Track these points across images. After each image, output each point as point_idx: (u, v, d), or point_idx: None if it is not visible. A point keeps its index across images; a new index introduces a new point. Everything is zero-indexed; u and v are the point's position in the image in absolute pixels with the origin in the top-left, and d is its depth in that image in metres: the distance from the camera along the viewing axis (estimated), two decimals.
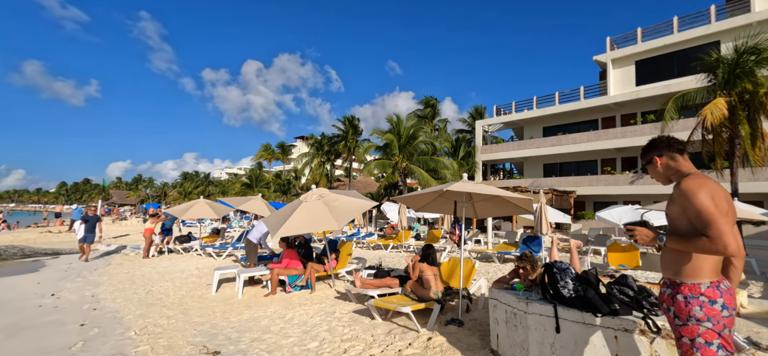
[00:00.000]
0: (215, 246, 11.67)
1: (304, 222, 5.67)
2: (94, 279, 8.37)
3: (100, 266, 10.20)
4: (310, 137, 44.99)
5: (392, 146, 24.15)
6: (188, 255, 11.75)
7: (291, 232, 5.58)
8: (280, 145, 64.74)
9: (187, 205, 11.99)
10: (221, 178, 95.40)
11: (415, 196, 5.41)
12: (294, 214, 5.78)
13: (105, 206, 45.14)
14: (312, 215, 5.78)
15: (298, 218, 5.73)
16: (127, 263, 10.62)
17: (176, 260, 10.85)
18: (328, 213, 5.72)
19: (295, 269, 6.66)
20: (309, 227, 5.62)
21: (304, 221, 5.67)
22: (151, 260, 10.92)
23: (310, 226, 5.62)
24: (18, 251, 12.86)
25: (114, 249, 13.92)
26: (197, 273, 8.68)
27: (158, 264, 10.16)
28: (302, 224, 5.64)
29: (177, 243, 12.42)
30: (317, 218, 5.68)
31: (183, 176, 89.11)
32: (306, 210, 5.88)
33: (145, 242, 11.77)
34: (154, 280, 8.07)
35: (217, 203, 12.44)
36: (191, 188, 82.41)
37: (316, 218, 5.69)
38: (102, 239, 16.30)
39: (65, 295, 6.94)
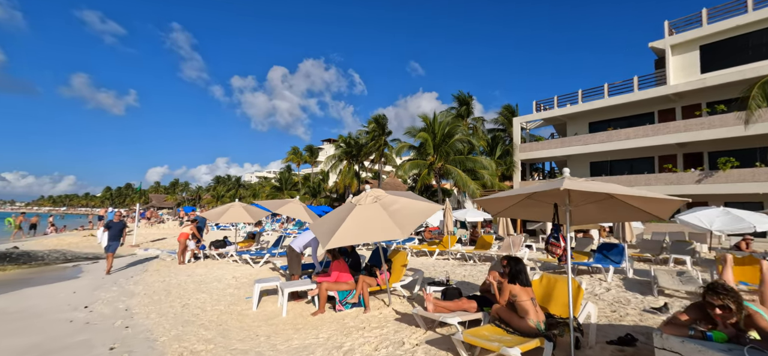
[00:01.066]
0: (251, 252, 11.06)
1: (361, 230, 4.75)
2: (129, 288, 7.89)
3: (137, 273, 9.81)
4: (338, 139, 44.57)
5: (426, 145, 23.03)
6: (223, 262, 11.22)
7: (345, 241, 4.69)
8: (309, 148, 65.08)
9: (223, 208, 11.49)
10: (251, 181, 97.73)
11: (498, 199, 4.35)
12: (347, 220, 4.88)
13: (141, 210, 46.86)
14: (369, 221, 4.85)
15: (352, 226, 4.82)
16: (164, 270, 10.20)
17: (212, 266, 10.32)
18: (387, 219, 4.78)
19: (345, 283, 5.77)
20: (367, 236, 4.70)
21: (361, 228, 4.75)
22: (187, 267, 10.45)
23: (368, 234, 4.70)
24: (60, 256, 12.90)
25: (152, 256, 13.71)
26: (235, 283, 8.01)
27: (194, 272, 9.64)
28: (359, 232, 4.73)
29: (212, 248, 11.96)
30: (376, 224, 4.75)
31: (216, 180, 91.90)
32: (361, 215, 4.96)
33: (179, 246, 11.37)
34: (190, 291, 7.45)
35: (253, 207, 11.87)
36: (223, 191, 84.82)
37: (375, 224, 4.76)
38: (140, 245, 16.38)
39: (98, 308, 6.41)
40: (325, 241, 4.73)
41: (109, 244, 9.69)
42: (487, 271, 8.62)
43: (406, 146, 24.53)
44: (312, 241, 6.61)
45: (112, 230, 9.76)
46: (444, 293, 4.89)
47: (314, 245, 6.58)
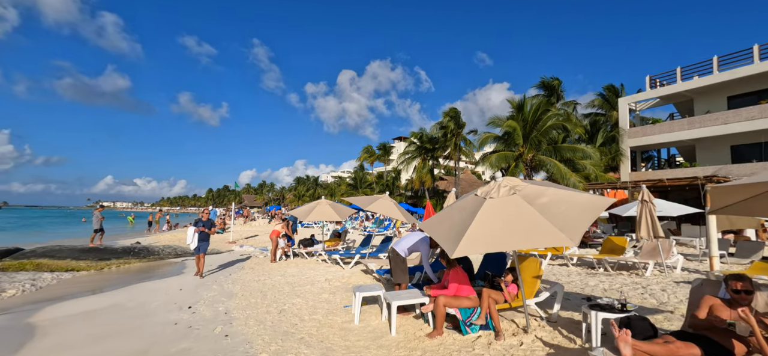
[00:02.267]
0: (339, 252, 10.55)
1: (501, 233, 3.49)
2: (228, 288, 7.78)
3: (235, 271, 9.93)
4: (411, 136, 43.61)
5: (515, 134, 20.64)
6: (313, 261, 10.91)
7: (479, 248, 3.49)
8: (382, 146, 65.48)
9: (310, 206, 11.20)
10: (328, 181, 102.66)
11: (739, 186, 2.72)
12: (477, 219, 3.66)
13: (236, 208, 51.84)
14: (511, 220, 3.57)
15: (486, 227, 3.59)
16: (258, 268, 10.20)
17: (303, 266, 10.02)
18: (539, 218, 3.43)
19: (467, 298, 4.57)
20: (512, 241, 3.42)
21: (500, 230, 3.50)
22: (279, 266, 10.33)
23: (513, 238, 3.42)
24: (171, 251, 14.10)
25: (247, 254, 14.21)
26: (328, 287, 7.39)
27: (286, 271, 9.38)
28: (498, 236, 3.48)
29: (301, 247, 11.80)
30: (522, 225, 3.44)
31: (296, 180, 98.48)
32: (497, 213, 3.70)
33: (272, 244, 11.39)
34: (285, 294, 6.99)
35: (340, 205, 11.39)
36: (303, 191, 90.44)
37: (520, 225, 3.46)
38: (236, 241, 17.49)
39: (200, 310, 6.22)
40: (451, 247, 3.58)
41: (199, 245, 8.98)
42: (629, 286, 6.67)
43: (490, 136, 22.36)
44: (420, 243, 5.56)
45: (202, 231, 9.06)
46: (627, 324, 3.38)
47: (424, 249, 5.51)
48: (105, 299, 7.46)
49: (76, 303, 7.28)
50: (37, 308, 6.94)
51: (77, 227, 34.77)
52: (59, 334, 5.39)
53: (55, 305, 7.20)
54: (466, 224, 3.78)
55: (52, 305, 7.20)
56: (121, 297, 7.53)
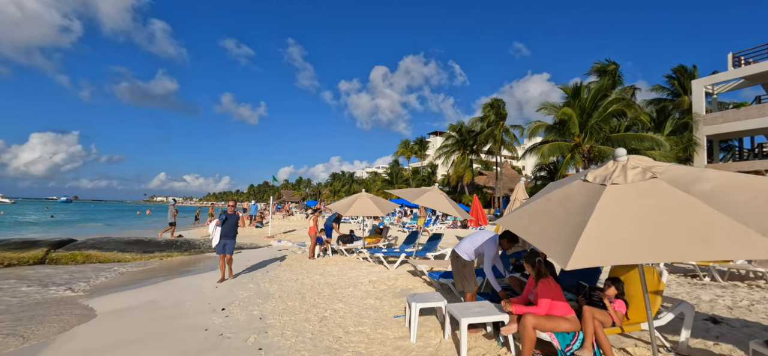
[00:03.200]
0: (381, 250, 9.66)
1: (659, 236, 2.34)
2: (265, 287, 7.14)
3: (272, 267, 9.37)
4: (449, 129, 41.93)
5: (570, 123, 18.64)
6: (352, 259, 10.13)
7: (620, 256, 2.37)
8: (418, 140, 64.14)
9: (349, 200, 10.41)
10: (363, 176, 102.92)
11: None
12: (597, 214, 2.54)
13: (275, 204, 52.95)
14: (664, 215, 2.41)
15: (618, 226, 2.46)
16: (296, 265, 9.59)
17: (342, 264, 9.25)
18: (713, 212, 2.25)
19: (564, 319, 3.44)
20: (681, 249, 2.27)
21: (656, 234, 2.35)
22: (318, 263, 9.64)
23: (681, 245, 2.26)
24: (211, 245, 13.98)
25: (284, 249, 13.78)
26: (373, 291, 6.50)
27: (325, 270, 8.65)
28: (649, 241, 2.33)
29: (340, 243, 11.07)
30: (694, 225, 2.27)
31: (332, 176, 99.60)
32: (632, 206, 2.55)
33: (310, 240, 10.76)
34: (325, 298, 6.20)
35: (381, 199, 10.50)
36: (339, 186, 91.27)
37: (690, 225, 2.29)
38: (274, 236, 17.27)
39: (234, 313, 5.57)
40: (562, 255, 2.47)
41: (223, 243, 7.63)
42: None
43: (541, 126, 20.43)
44: (487, 244, 4.46)
45: (225, 225, 7.66)
46: None
47: (490, 251, 4.41)
48: (141, 295, 7.11)
49: (110, 299, 6.97)
50: (72, 304, 6.69)
51: (132, 221, 37.01)
52: (84, 337, 4.94)
53: (91, 299, 6.94)
54: (578, 221, 2.66)
55: (88, 299, 6.95)
56: (157, 293, 7.14)
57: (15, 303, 6.82)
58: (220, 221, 7.71)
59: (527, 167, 70.29)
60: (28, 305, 6.67)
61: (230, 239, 7.81)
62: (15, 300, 6.98)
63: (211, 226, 7.98)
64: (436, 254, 8.72)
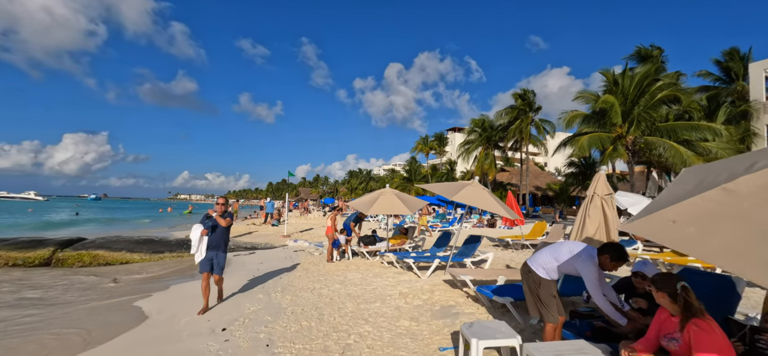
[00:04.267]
0: (410, 253, 8.43)
1: None
2: (276, 299, 6.05)
3: (285, 273, 8.30)
4: (472, 123, 40.15)
5: (611, 112, 16.82)
6: (376, 263, 8.96)
7: None
8: (437, 136, 62.48)
9: (372, 197, 9.24)
10: (380, 174, 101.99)
11: None
12: None
13: (292, 201, 52.57)
14: None
15: None
16: (312, 270, 8.50)
17: (365, 270, 8.09)
18: None
19: None
20: None
21: None
22: (337, 268, 8.53)
23: None
24: None
25: (296, 265, 12.78)
26: (406, 308, 5.29)
27: (346, 277, 7.51)
28: None
29: (361, 245, 9.93)
30: None
31: (349, 174, 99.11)
32: None
33: (328, 242, 9.67)
34: (348, 316, 5.03)
35: (407, 195, 9.28)
36: (356, 184, 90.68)
37: None
38: (290, 235, 16.32)
39: (236, 334, 4.48)
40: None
41: (211, 258, 5.35)
42: None
43: (577, 116, 18.64)
44: (579, 263, 3.13)
45: (215, 234, 5.35)
46: None
47: (590, 272, 3.04)
48: (131, 309, 6.14)
49: (94, 318, 6.04)
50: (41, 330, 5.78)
51: (152, 218, 37.22)
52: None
53: (71, 322, 6.03)
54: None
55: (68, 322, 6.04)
56: (151, 305, 6.17)
57: None
58: (206, 230, 5.27)
59: (551, 163, 67.49)
60: None
61: (221, 253, 5.43)
62: None
63: (194, 234, 5.22)
64: (476, 260, 7.44)
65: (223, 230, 5.50)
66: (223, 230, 5.50)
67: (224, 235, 5.55)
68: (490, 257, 7.20)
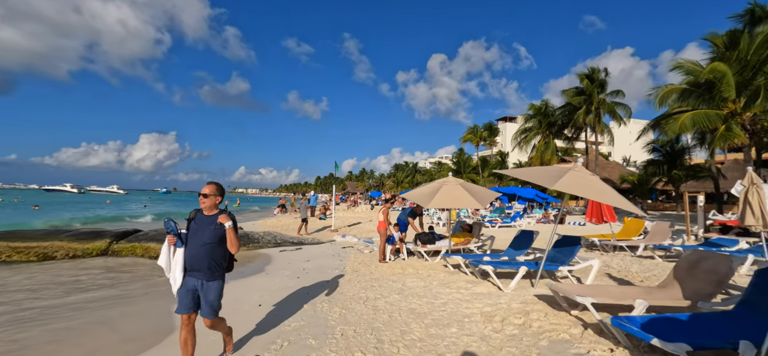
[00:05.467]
0: (483, 257, 6.87)
1: None
2: (322, 312, 4.89)
3: (334, 275, 7.19)
4: (530, 108, 36.75)
5: (722, 84, 13.56)
6: (437, 266, 7.54)
7: None
8: (487, 126, 59.04)
9: (432, 188, 7.79)
10: (426, 167, 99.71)
11: None
12: None
13: (339, 195, 52.70)
14: None
15: None
16: (364, 272, 7.32)
17: (427, 275, 6.71)
18: None
19: None
20: None
21: None
22: (392, 271, 7.24)
23: None
24: (271, 239, 12.54)
25: (345, 256, 11.73)
26: (498, 339, 3.80)
27: (405, 283, 6.19)
28: None
29: (418, 243, 8.55)
30: None
31: (395, 167, 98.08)
32: None
33: (380, 239, 8.43)
34: (416, 350, 3.68)
35: (476, 186, 7.71)
36: (402, 177, 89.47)
37: None
38: (338, 230, 15.40)
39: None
40: None
41: (194, 286, 3.07)
42: None
43: (672, 90, 15.44)
44: None
45: (195, 245, 3.02)
46: None
47: None
48: (160, 321, 5.33)
49: (124, 326, 5.31)
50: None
51: None
52: None
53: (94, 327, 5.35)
54: None
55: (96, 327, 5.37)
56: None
57: None
58: (173, 237, 3.04)
59: (616, 152, 60.72)
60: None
61: (213, 280, 3.09)
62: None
63: (163, 252, 3.09)
64: (574, 268, 5.70)
65: (212, 242, 3.01)
66: (212, 242, 3.01)
67: (216, 249, 3.03)
68: (596, 265, 5.43)
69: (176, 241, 3.04)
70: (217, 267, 3.12)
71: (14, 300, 6.21)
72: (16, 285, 7.24)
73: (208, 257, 3.04)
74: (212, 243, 3.05)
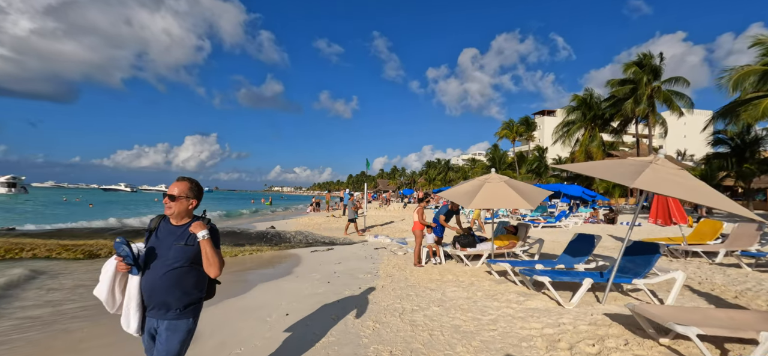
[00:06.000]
0: (530, 265, 6.05)
1: None
2: (353, 329, 4.36)
3: (365, 281, 6.66)
4: (573, 99, 34.40)
5: None
6: (479, 272, 6.81)
7: None
8: (524, 120, 56.32)
9: (473, 185, 7.04)
10: (458, 163, 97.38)
11: None
12: None
13: (371, 192, 52.42)
14: None
15: None
16: (398, 277, 6.74)
17: (469, 284, 6.01)
18: None
19: None
20: None
21: None
22: (430, 277, 6.61)
23: None
24: (303, 239, 12.30)
25: (378, 258, 11.21)
26: None
27: (445, 293, 5.54)
28: None
29: (457, 246, 7.83)
30: None
31: (426, 164, 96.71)
32: None
33: (415, 241, 7.82)
34: None
35: (522, 184, 6.87)
36: (434, 174, 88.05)
37: None
38: (369, 230, 14.89)
39: None
40: None
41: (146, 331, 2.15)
42: None
43: (749, 72, 13.46)
44: None
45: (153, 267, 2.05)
46: None
47: None
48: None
49: None
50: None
51: (245, 208, 40.31)
52: None
53: None
54: None
55: None
56: (209, 319, 5.00)
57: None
58: (122, 260, 1.99)
59: (669, 145, 55.76)
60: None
61: (182, 321, 2.12)
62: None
63: (103, 280, 2.10)
64: (652, 282, 4.75)
65: (181, 265, 2.09)
66: (181, 265, 2.09)
67: (187, 275, 2.11)
68: (680, 278, 4.47)
69: (131, 268, 2.04)
70: (186, 301, 2.12)
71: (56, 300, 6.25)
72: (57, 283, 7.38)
73: (176, 288, 2.07)
74: (181, 267, 2.08)
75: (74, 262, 9.72)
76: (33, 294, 6.57)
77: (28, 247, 10.56)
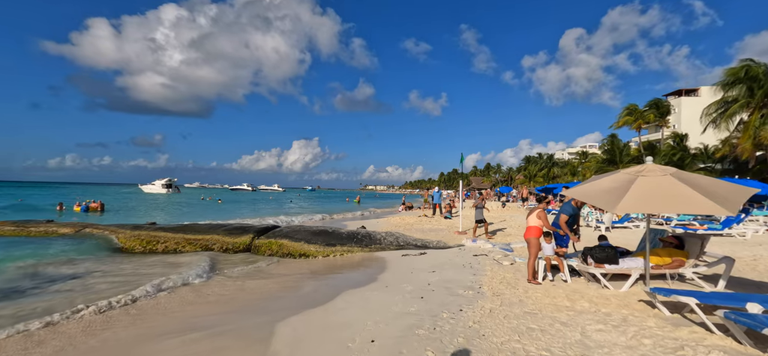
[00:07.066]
0: (727, 300, 3.97)
1: None
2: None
3: (465, 300, 5.37)
4: (727, 74, 26.56)
5: None
6: (629, 298, 4.89)
7: None
8: (654, 103, 46.52)
9: (619, 179, 5.10)
10: (563, 157, 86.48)
11: None
12: None
13: (465, 191, 49.69)
14: None
15: None
16: (509, 297, 5.30)
17: (622, 320, 4.25)
18: None
19: None
20: None
21: None
22: (555, 303, 4.98)
23: None
24: (393, 240, 11.54)
25: (478, 267, 9.71)
26: None
27: (586, 332, 3.94)
28: None
29: (590, 262, 5.92)
30: None
31: (525, 160, 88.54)
32: None
33: (530, 251, 6.20)
34: None
35: (710, 178, 4.72)
36: (535, 170, 80.00)
37: None
38: (466, 232, 13.28)
39: None
40: None
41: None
42: None
43: None
44: None
45: None
46: None
47: None
48: (263, 347, 4.53)
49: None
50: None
51: (342, 207, 42.20)
52: None
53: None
54: None
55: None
56: (290, 333, 4.40)
57: None
58: None
59: None
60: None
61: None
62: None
63: None
64: None
65: None
66: None
67: None
68: None
69: None
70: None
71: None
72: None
73: None
74: None
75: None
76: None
77: (162, 240, 12.14)
